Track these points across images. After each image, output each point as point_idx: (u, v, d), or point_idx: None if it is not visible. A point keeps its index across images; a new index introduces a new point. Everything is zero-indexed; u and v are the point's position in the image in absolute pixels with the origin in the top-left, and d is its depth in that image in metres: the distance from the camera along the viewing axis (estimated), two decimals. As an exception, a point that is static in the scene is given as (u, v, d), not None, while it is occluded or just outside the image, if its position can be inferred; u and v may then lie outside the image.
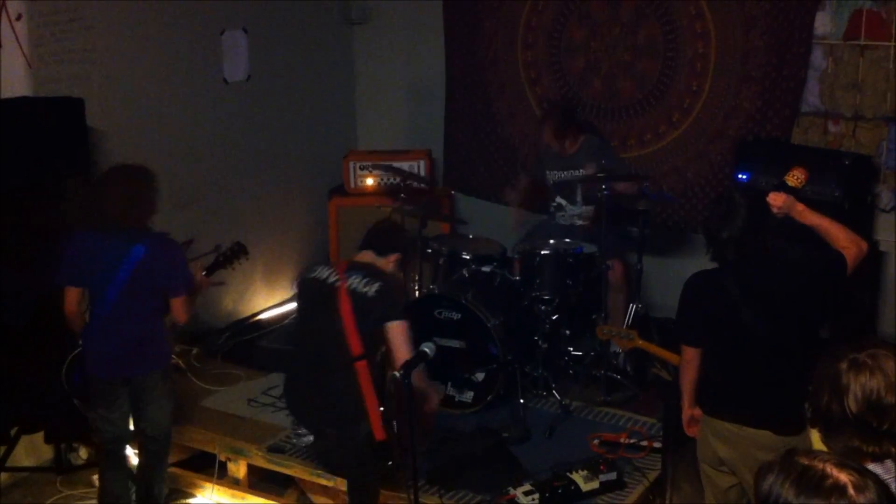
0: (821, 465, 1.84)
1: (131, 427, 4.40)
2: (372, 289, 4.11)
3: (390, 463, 4.14)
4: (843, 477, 1.81)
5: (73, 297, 4.18)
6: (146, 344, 4.21)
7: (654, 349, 4.82)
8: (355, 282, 4.14)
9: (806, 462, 1.86)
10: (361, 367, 4.05)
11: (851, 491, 1.80)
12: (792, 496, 1.81)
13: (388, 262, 4.28)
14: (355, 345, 4.06)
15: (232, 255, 4.62)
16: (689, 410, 3.80)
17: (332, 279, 4.20)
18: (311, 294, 4.30)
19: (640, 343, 4.73)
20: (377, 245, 4.33)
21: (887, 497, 1.84)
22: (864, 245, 3.60)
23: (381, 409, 4.05)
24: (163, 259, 4.15)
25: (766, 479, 1.87)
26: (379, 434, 4.00)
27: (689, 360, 3.73)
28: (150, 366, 4.25)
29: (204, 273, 4.43)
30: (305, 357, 4.29)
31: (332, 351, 4.11)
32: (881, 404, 2.34)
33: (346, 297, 4.10)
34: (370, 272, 4.18)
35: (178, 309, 4.20)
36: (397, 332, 4.09)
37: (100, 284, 4.11)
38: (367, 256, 4.31)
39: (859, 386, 2.36)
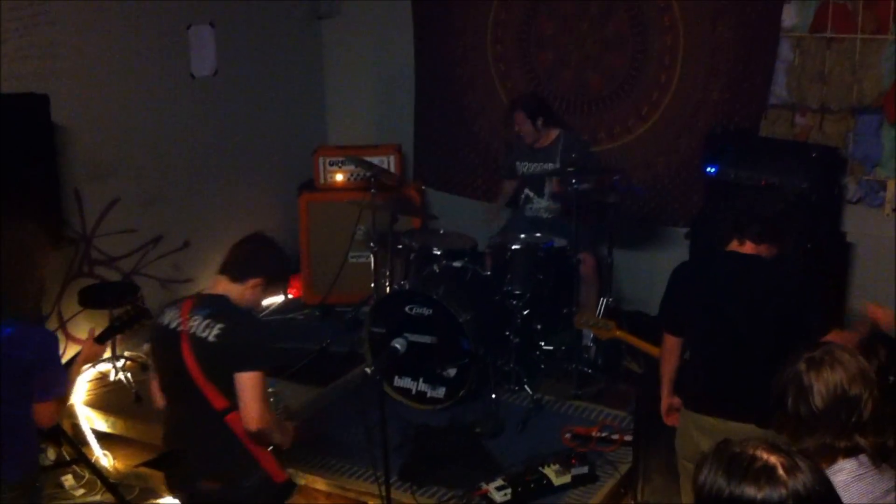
0: (751, 451, 1.84)
1: None
2: (212, 332, 3.35)
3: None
4: (773, 459, 1.81)
5: None
6: (5, 444, 3.35)
7: (631, 339, 4.80)
8: (195, 324, 3.38)
9: (737, 449, 1.85)
10: (233, 419, 3.35)
11: (781, 472, 1.79)
12: (723, 483, 1.81)
13: (245, 290, 3.48)
14: (215, 398, 3.35)
15: (129, 321, 3.88)
16: (668, 399, 3.81)
17: (174, 324, 3.44)
18: (159, 345, 3.57)
19: (619, 333, 4.72)
20: (232, 269, 3.51)
21: (823, 483, 1.84)
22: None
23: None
24: (29, 354, 3.30)
25: (701, 472, 1.86)
26: (278, 476, 3.50)
27: (671, 350, 3.74)
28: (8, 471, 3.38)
29: (96, 339, 3.68)
30: (173, 412, 3.58)
31: (195, 406, 3.39)
32: (847, 397, 2.35)
33: (189, 348, 3.36)
34: (216, 309, 3.41)
35: (44, 415, 3.40)
36: (246, 385, 3.30)
37: None
38: (221, 285, 3.50)
39: (822, 382, 2.37)
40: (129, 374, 5.32)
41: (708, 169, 5.61)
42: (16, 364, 3.28)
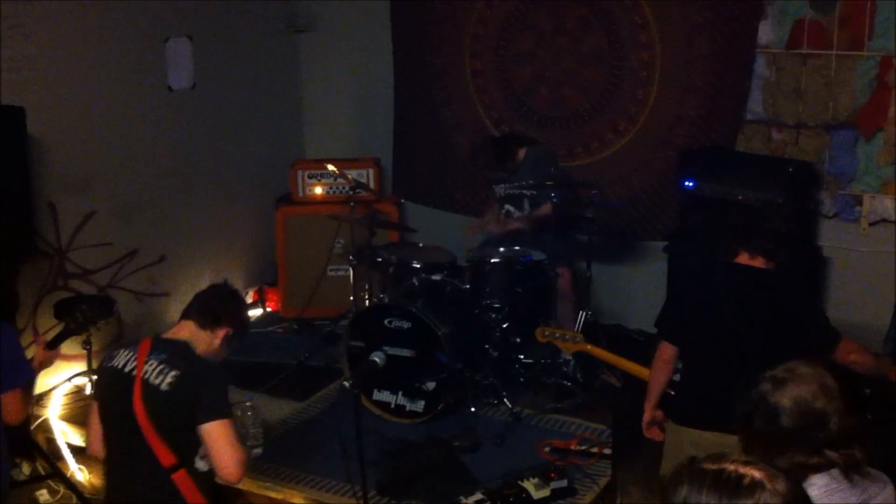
0: (732, 467, 1.85)
1: None
2: (166, 379, 3.16)
3: None
4: (757, 473, 1.83)
5: None
6: None
7: (602, 353, 4.78)
8: (150, 369, 3.19)
9: (715, 467, 1.86)
10: (180, 478, 3.18)
11: (769, 485, 1.81)
12: (714, 501, 1.81)
13: (213, 338, 3.39)
14: (163, 454, 3.15)
15: (80, 325, 3.85)
16: (652, 412, 3.75)
17: (129, 367, 3.24)
18: (106, 388, 3.35)
19: (589, 347, 4.67)
20: (202, 316, 3.40)
21: (801, 490, 1.87)
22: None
23: None
24: None
25: (678, 492, 1.85)
26: None
27: (668, 361, 3.68)
28: None
29: (46, 346, 3.70)
30: (116, 466, 3.35)
31: (138, 461, 3.19)
32: (813, 411, 2.36)
33: (140, 396, 3.16)
34: (174, 354, 3.24)
35: (12, 406, 3.40)
36: (215, 435, 3.13)
37: None
38: (186, 330, 3.38)
39: (787, 399, 2.37)
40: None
41: (686, 183, 5.64)
42: None
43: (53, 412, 5.13)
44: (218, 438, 3.13)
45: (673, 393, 3.76)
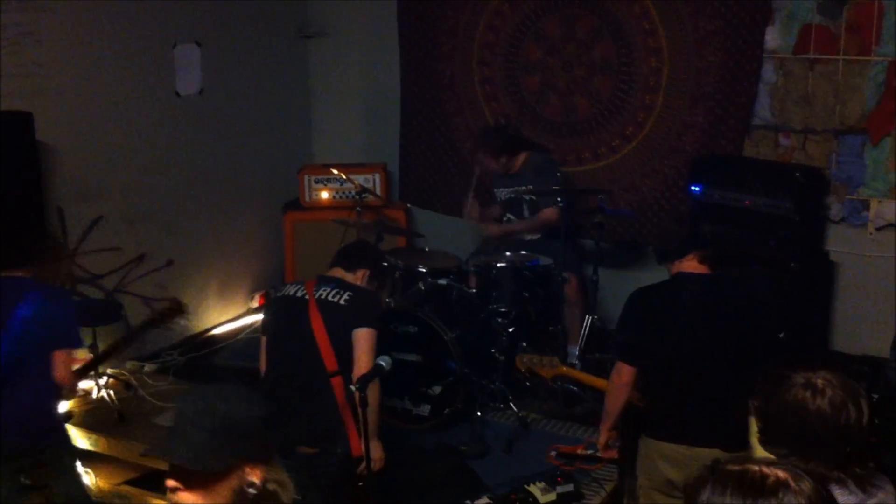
0: (756, 468, 1.84)
1: None
2: (342, 297, 4.07)
3: (360, 484, 3.93)
4: (781, 473, 1.82)
5: None
6: (34, 414, 3.69)
7: (577, 374, 4.62)
8: (325, 292, 4.10)
9: (738, 468, 1.85)
10: (338, 383, 3.93)
11: (793, 484, 1.81)
12: (738, 502, 1.80)
13: (356, 278, 4.26)
14: (330, 360, 3.96)
15: (114, 349, 4.22)
16: (608, 434, 3.80)
17: (301, 293, 4.15)
18: (281, 311, 4.22)
19: (564, 370, 4.46)
20: (345, 262, 4.31)
21: (818, 488, 1.86)
22: None
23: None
24: (50, 313, 3.72)
25: (701, 495, 1.84)
26: (356, 450, 3.88)
27: (627, 383, 3.66)
28: (39, 439, 3.72)
29: (76, 370, 3.92)
30: (281, 375, 4.08)
31: (307, 367, 4.00)
32: (848, 419, 2.34)
33: (317, 310, 4.04)
34: (341, 284, 4.16)
35: (60, 365, 3.70)
36: (363, 339, 4.00)
37: None
38: (337, 273, 4.27)
39: (828, 406, 2.35)
40: (111, 392, 5.28)
41: (692, 188, 5.64)
42: (44, 322, 3.70)
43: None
44: (363, 341, 3.96)
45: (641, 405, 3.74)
